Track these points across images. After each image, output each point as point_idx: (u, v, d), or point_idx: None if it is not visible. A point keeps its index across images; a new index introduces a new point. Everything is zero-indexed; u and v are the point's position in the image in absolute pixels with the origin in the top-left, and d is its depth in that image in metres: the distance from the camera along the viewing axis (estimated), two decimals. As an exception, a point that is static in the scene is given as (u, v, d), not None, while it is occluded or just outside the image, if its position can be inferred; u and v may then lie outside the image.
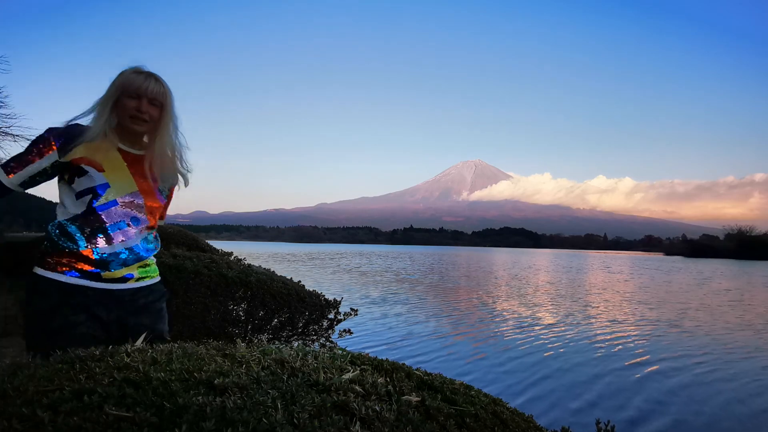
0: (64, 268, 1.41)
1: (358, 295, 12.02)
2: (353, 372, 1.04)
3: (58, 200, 1.47)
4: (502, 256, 53.95)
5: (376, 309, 9.66)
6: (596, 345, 6.86)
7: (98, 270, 1.42)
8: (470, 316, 9.50)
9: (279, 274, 3.55)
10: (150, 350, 1.10)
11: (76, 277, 1.41)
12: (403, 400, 0.94)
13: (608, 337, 7.46)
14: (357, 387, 0.96)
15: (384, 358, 1.23)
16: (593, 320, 9.21)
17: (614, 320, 9.32)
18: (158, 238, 1.62)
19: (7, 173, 1.38)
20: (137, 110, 1.43)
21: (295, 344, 2.20)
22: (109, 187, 1.43)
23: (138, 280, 1.51)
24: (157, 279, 1.60)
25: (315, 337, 3.50)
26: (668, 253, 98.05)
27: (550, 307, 10.97)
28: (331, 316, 3.57)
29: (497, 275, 21.63)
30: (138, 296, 1.51)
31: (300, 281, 3.61)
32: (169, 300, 1.68)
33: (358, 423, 0.81)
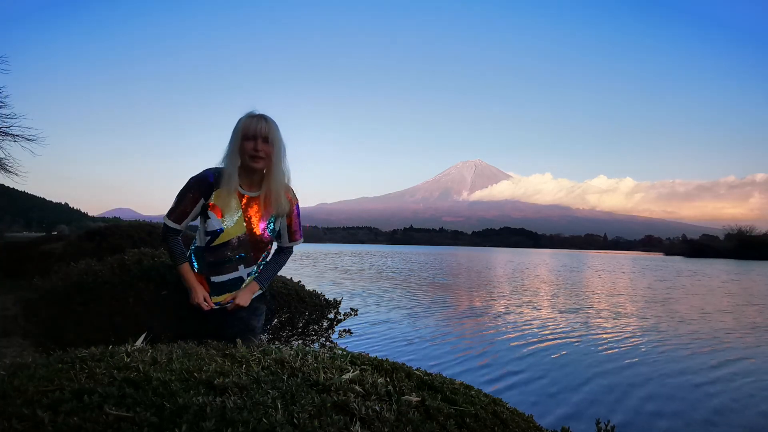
0: None
1: (335, 291, 12.20)
2: (353, 372, 1.04)
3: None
4: (498, 256, 53.95)
5: (347, 302, 9.93)
6: (519, 329, 7.62)
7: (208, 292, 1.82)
8: (429, 307, 9.99)
9: (278, 274, 3.54)
10: (150, 350, 1.10)
11: None
12: (403, 400, 0.95)
13: (535, 324, 8.13)
14: (357, 387, 0.96)
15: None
16: (542, 311, 9.66)
17: (561, 310, 9.81)
18: (265, 259, 1.93)
19: (178, 222, 1.80)
20: (254, 150, 1.73)
21: (295, 344, 2.20)
22: (223, 231, 1.79)
23: None
24: (258, 293, 1.91)
25: (315, 337, 3.50)
26: (668, 253, 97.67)
27: (509, 300, 11.28)
28: (331, 316, 3.56)
29: (482, 273, 21.83)
30: None
31: (300, 281, 3.60)
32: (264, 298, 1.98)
33: (358, 423, 0.82)
